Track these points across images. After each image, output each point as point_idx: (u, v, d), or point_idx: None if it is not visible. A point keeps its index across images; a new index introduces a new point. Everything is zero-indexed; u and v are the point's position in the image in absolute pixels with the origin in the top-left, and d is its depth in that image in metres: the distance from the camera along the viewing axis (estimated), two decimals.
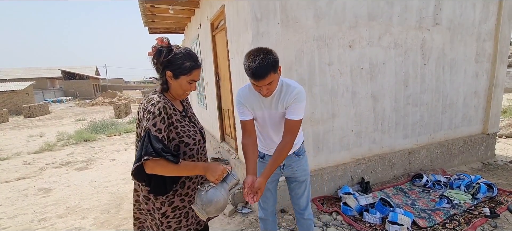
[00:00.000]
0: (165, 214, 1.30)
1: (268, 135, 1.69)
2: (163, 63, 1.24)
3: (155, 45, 1.25)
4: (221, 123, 4.24)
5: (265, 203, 1.86)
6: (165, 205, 1.29)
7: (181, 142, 1.27)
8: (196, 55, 1.31)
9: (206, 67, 4.76)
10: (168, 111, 1.23)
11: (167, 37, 1.26)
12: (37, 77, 32.35)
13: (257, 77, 1.38)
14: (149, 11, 4.72)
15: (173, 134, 1.25)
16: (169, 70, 1.25)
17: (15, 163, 5.87)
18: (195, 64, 1.27)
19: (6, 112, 14.56)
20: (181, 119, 1.30)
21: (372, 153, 3.30)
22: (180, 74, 1.25)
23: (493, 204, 2.73)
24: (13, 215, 3.34)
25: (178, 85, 1.27)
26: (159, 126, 1.17)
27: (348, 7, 2.83)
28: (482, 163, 3.93)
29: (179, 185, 1.32)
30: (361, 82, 3.07)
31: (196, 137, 1.33)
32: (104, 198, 3.67)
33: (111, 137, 8.38)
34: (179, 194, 1.33)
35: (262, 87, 1.43)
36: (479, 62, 3.74)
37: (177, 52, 1.25)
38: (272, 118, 1.62)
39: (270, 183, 1.78)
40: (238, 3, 2.71)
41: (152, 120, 1.16)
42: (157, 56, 1.24)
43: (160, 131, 1.17)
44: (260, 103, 1.60)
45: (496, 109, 3.97)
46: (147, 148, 1.12)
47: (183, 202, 1.34)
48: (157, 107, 1.18)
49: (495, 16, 3.66)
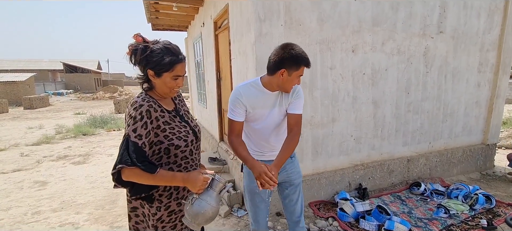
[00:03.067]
0: (161, 219, 1.26)
1: (264, 137, 1.61)
2: (141, 62, 1.16)
3: (132, 44, 1.16)
4: (221, 123, 4.22)
5: (259, 216, 1.71)
6: (161, 210, 1.25)
7: (171, 145, 1.20)
8: (176, 48, 1.19)
9: (208, 66, 4.74)
10: (153, 114, 1.15)
11: (141, 35, 1.18)
12: (38, 69, 32.38)
13: (309, 64, 1.43)
14: (153, 7, 4.71)
15: (160, 137, 1.18)
16: (149, 69, 1.16)
17: (12, 154, 5.85)
18: (176, 59, 1.16)
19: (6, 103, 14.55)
20: (170, 120, 1.23)
21: (371, 159, 3.28)
22: (162, 71, 1.15)
23: (490, 216, 2.71)
24: (7, 208, 3.31)
25: (162, 83, 1.18)
26: (139, 131, 1.11)
27: (353, 11, 2.82)
28: (480, 174, 3.91)
29: (173, 189, 1.27)
30: (362, 88, 3.05)
31: (188, 138, 1.26)
32: (100, 194, 3.65)
33: (110, 131, 8.36)
34: (176, 198, 1.28)
35: (299, 77, 1.46)
36: (481, 72, 3.72)
37: (154, 48, 1.14)
38: (274, 117, 1.57)
39: (265, 194, 1.68)
40: (242, 3, 2.69)
41: (133, 125, 1.11)
42: (133, 55, 1.16)
43: (140, 137, 1.10)
44: (264, 102, 1.53)
45: (497, 120, 3.96)
46: (122, 156, 1.08)
47: (179, 205, 1.30)
48: (139, 112, 1.12)
49: (499, 27, 3.64)
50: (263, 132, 1.60)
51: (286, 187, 1.73)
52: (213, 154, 4.21)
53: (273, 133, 1.61)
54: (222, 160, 3.78)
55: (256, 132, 1.61)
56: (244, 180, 1.71)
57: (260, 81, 1.53)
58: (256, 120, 1.58)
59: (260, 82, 1.53)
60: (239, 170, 3.12)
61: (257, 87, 1.53)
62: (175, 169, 1.24)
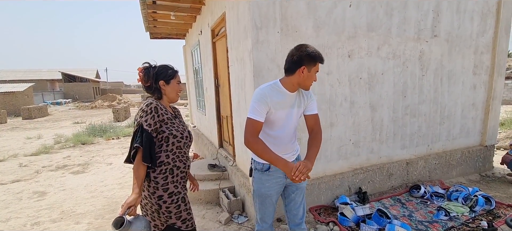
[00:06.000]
0: (162, 199, 1.55)
1: (282, 139, 1.64)
2: (154, 76, 1.60)
3: (139, 72, 1.60)
4: (220, 129, 4.23)
5: (267, 217, 1.78)
6: (159, 189, 1.54)
7: (171, 134, 1.58)
8: (170, 64, 1.68)
9: (206, 73, 4.77)
10: (159, 111, 1.55)
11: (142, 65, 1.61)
12: (37, 79, 32.38)
13: (323, 60, 1.55)
14: (151, 16, 4.76)
15: (163, 128, 1.56)
16: (161, 80, 1.60)
17: (11, 165, 5.83)
18: (174, 70, 1.67)
19: (5, 114, 14.52)
20: (172, 118, 1.63)
21: (370, 163, 3.29)
22: (170, 79, 1.63)
23: (491, 217, 2.71)
24: (6, 219, 3.29)
25: (171, 89, 1.64)
26: (149, 121, 1.50)
27: (348, 18, 2.86)
28: (480, 175, 3.92)
29: (168, 172, 1.57)
30: (359, 92, 3.08)
31: (184, 133, 1.64)
32: (99, 203, 3.63)
33: (109, 140, 8.34)
34: (171, 181, 1.58)
35: (316, 73, 1.58)
36: (477, 74, 3.77)
37: (157, 66, 1.63)
38: (293, 118, 1.64)
39: (275, 195, 1.73)
40: (239, 11, 2.74)
41: (145, 117, 1.51)
42: (147, 73, 1.59)
43: (150, 126, 1.50)
44: (285, 102, 1.58)
45: (494, 121, 3.98)
46: (137, 139, 1.49)
47: (177, 188, 1.60)
48: (149, 108, 1.52)
49: (492, 29, 3.70)
50: (281, 133, 1.63)
51: (292, 191, 1.77)
52: (212, 161, 4.21)
53: (292, 133, 1.68)
54: (222, 167, 3.78)
55: (274, 134, 1.63)
56: (255, 185, 1.75)
57: (280, 83, 1.59)
58: (277, 119, 1.60)
59: (280, 84, 1.59)
60: (239, 176, 3.13)
61: (278, 89, 1.58)
62: (171, 156, 1.59)
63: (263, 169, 1.68)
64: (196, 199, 3.33)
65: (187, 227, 1.64)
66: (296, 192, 1.77)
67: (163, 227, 1.62)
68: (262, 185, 1.70)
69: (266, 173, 1.68)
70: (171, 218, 1.58)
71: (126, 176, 4.71)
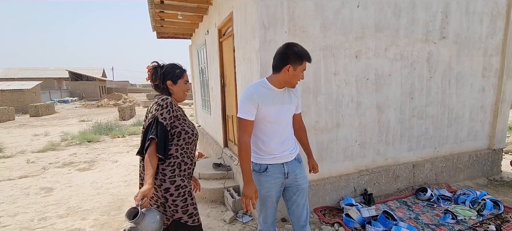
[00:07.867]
0: (169, 191, 1.55)
1: (278, 135, 1.65)
2: (161, 76, 1.62)
3: (148, 71, 1.63)
4: (225, 129, 4.24)
5: (269, 218, 1.77)
6: (167, 181, 1.55)
7: (183, 130, 1.62)
8: (178, 63, 1.71)
9: (212, 73, 4.79)
10: (174, 106, 1.59)
11: (151, 64, 1.64)
12: (44, 77, 32.84)
13: (310, 59, 1.60)
14: (158, 16, 4.80)
15: (176, 123, 1.60)
16: (168, 80, 1.63)
17: (18, 161, 5.92)
18: (182, 69, 1.69)
19: (13, 111, 14.76)
20: (184, 115, 1.68)
21: (376, 165, 3.27)
22: (177, 79, 1.65)
23: (499, 222, 2.67)
24: (14, 213, 3.35)
25: (179, 89, 1.66)
26: (165, 115, 1.53)
27: (355, 18, 2.85)
28: (488, 179, 3.86)
29: (176, 166, 1.59)
30: (366, 93, 3.06)
31: (194, 130, 1.70)
32: (105, 200, 3.67)
33: (115, 138, 8.42)
34: (178, 174, 1.60)
35: (303, 72, 1.62)
36: (485, 77, 3.72)
37: (165, 66, 1.65)
38: (285, 113, 1.67)
39: (275, 195, 1.71)
40: (246, 11, 2.75)
41: (160, 111, 1.53)
42: (155, 73, 1.62)
43: (165, 119, 1.53)
44: (272, 99, 1.62)
45: (503, 124, 3.92)
46: (152, 132, 1.50)
47: (183, 181, 1.61)
48: (165, 103, 1.55)
49: (502, 32, 3.65)
50: (275, 129, 1.65)
51: (293, 193, 1.75)
52: (217, 160, 4.22)
53: (285, 128, 1.69)
54: (227, 166, 3.79)
55: (268, 132, 1.65)
56: (256, 186, 1.73)
57: (266, 80, 1.64)
58: (269, 116, 1.62)
59: (267, 81, 1.64)
60: None
61: (265, 86, 1.63)
62: (179, 151, 1.61)
63: (260, 170, 1.67)
64: (201, 197, 3.34)
65: (194, 222, 1.63)
66: (298, 193, 1.74)
67: (169, 222, 1.60)
68: (261, 186, 1.68)
69: (263, 174, 1.68)
70: (177, 212, 1.57)
71: (132, 174, 4.75)
